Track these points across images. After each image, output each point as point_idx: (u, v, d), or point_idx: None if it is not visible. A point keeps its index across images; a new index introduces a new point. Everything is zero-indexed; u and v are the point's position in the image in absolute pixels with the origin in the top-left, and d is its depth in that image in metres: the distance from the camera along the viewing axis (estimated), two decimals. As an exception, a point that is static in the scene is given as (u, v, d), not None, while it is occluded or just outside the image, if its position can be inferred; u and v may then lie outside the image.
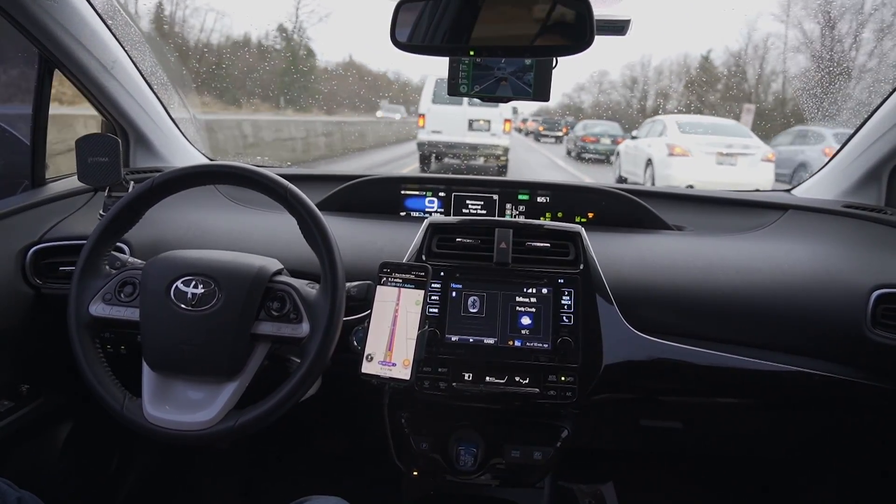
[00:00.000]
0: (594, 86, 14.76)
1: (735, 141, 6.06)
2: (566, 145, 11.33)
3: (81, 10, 1.18)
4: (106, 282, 0.86)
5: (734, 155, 5.93)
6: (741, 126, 6.61)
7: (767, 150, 6.01)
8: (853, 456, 1.37)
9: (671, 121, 6.55)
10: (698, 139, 6.12)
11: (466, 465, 1.01)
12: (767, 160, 5.94)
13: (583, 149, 10.16)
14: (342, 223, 1.24)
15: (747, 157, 5.92)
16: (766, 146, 6.08)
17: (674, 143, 6.12)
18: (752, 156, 5.93)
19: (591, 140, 10.12)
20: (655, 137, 6.65)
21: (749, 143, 6.06)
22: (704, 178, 5.68)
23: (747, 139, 6.13)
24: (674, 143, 6.13)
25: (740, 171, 5.81)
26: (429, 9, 0.83)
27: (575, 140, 10.69)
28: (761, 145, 6.10)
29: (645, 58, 10.92)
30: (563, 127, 13.01)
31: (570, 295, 0.99)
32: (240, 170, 0.86)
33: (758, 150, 6.01)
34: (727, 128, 6.58)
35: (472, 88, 0.94)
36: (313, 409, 0.95)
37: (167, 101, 1.51)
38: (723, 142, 6.04)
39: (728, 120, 7.12)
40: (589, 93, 15.23)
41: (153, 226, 1.09)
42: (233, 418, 0.79)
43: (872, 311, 1.01)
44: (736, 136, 6.20)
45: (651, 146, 6.61)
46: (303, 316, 0.83)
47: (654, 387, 1.08)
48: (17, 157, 1.29)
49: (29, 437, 1.19)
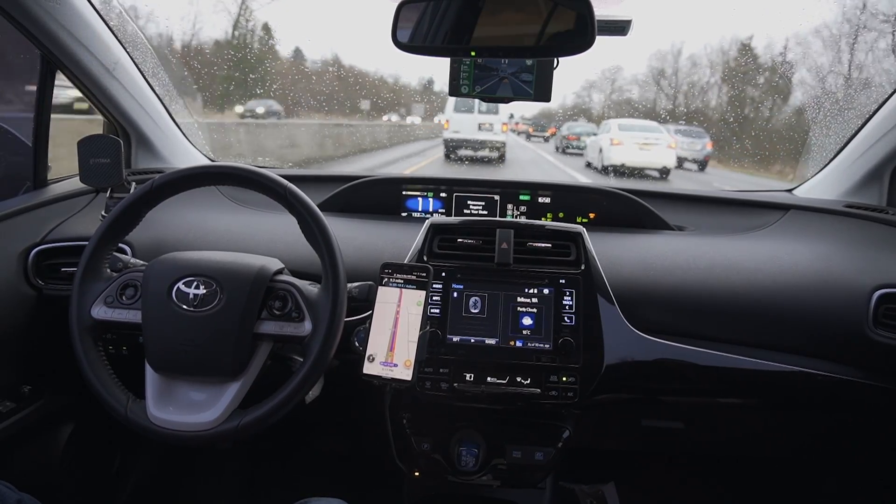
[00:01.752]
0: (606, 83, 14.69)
1: (650, 135, 9.25)
2: (554, 143, 14.39)
3: (83, 11, 1.18)
4: (107, 284, 0.86)
5: (650, 144, 9.09)
6: (657, 125, 9.85)
7: (669, 139, 9.17)
8: (854, 456, 1.36)
9: (614, 123, 9.61)
10: (629, 134, 9.15)
11: (468, 465, 1.01)
12: (670, 147, 9.12)
13: (567, 145, 13.26)
14: (343, 224, 1.24)
15: (657, 146, 9.13)
16: (668, 136, 9.21)
17: (614, 137, 9.26)
18: (660, 145, 9.13)
19: (574, 138, 13.17)
20: (605, 134, 9.70)
21: (659, 137, 9.24)
22: (631, 159, 8.82)
23: (658, 134, 9.33)
24: (614, 136, 9.28)
25: (653, 154, 9.01)
26: (430, 9, 0.83)
27: (561, 138, 13.79)
28: (668, 137, 9.18)
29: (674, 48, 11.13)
30: (550, 129, 15.87)
31: (572, 295, 0.99)
32: (240, 170, 0.86)
33: (664, 141, 9.17)
34: (647, 126, 9.74)
35: (473, 89, 0.95)
36: (315, 409, 0.95)
37: (169, 103, 1.51)
38: (643, 135, 9.18)
39: (649, 121, 10.39)
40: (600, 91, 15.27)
41: (155, 227, 1.09)
42: (236, 418, 0.80)
43: (874, 310, 1.01)
44: (652, 132, 9.38)
45: (601, 140, 9.69)
46: (305, 314, 0.83)
47: (656, 387, 1.07)
48: (18, 159, 1.29)
49: (31, 439, 1.19)
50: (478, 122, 9.37)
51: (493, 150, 9.43)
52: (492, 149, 9.40)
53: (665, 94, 12.03)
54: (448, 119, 9.32)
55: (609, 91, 14.18)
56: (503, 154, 9.61)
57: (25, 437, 1.15)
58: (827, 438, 1.29)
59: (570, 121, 13.90)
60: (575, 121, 13.93)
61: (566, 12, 0.79)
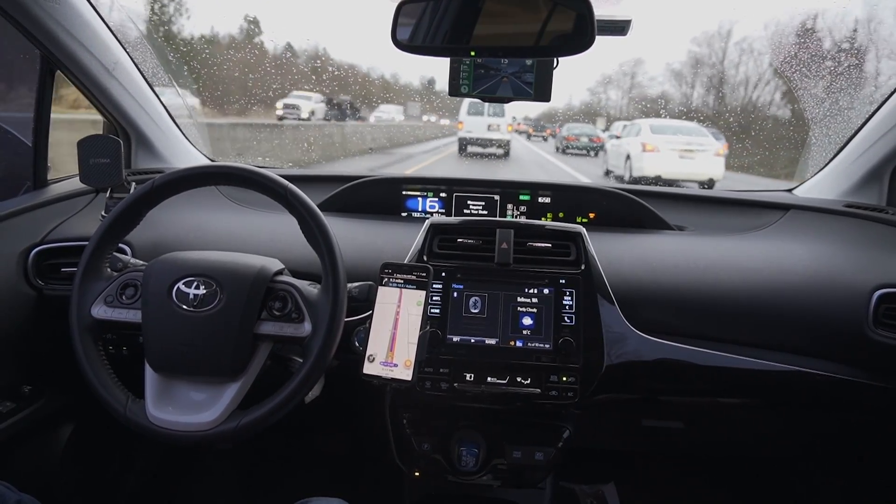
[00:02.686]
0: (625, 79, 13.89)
1: (693, 140, 7.31)
2: (555, 143, 14.29)
3: (83, 11, 1.18)
4: (107, 284, 0.86)
5: (693, 151, 7.26)
6: (699, 127, 7.90)
7: (718, 146, 7.20)
8: (855, 456, 1.36)
9: (646, 123, 7.94)
10: (666, 138, 7.43)
11: (468, 465, 1.01)
12: (718, 155, 7.21)
13: (567, 146, 13.18)
14: (343, 224, 1.24)
15: (703, 152, 7.24)
16: (717, 143, 7.23)
17: (646, 142, 7.53)
18: (706, 151, 7.22)
19: (573, 139, 13.10)
20: (633, 137, 7.95)
21: (703, 142, 7.27)
22: (669, 169, 7.05)
23: (703, 138, 7.33)
24: (646, 141, 7.54)
25: (697, 163, 7.20)
26: (429, 9, 0.83)
27: (561, 139, 13.71)
28: (713, 142, 7.22)
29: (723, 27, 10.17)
30: (547, 129, 16.46)
31: (572, 295, 0.99)
32: (240, 170, 0.86)
33: (710, 146, 7.22)
34: (689, 129, 7.87)
35: (473, 89, 0.95)
36: (315, 409, 0.95)
37: (168, 103, 1.51)
38: (684, 140, 7.34)
39: (690, 122, 8.48)
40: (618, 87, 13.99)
41: (154, 227, 1.09)
42: (236, 419, 0.80)
43: (874, 310, 1.01)
44: (695, 135, 7.44)
45: (630, 144, 8.00)
46: (305, 315, 0.83)
47: (656, 387, 1.07)
48: (19, 159, 1.29)
49: (31, 439, 1.19)
50: (487, 123, 11.08)
51: (500, 147, 11.29)
52: (499, 146, 11.28)
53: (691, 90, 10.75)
54: (462, 121, 11.16)
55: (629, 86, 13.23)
56: (508, 150, 11.44)
57: (25, 437, 1.15)
58: (827, 438, 1.29)
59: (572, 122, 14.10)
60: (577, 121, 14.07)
61: (566, 12, 0.79)
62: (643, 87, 12.57)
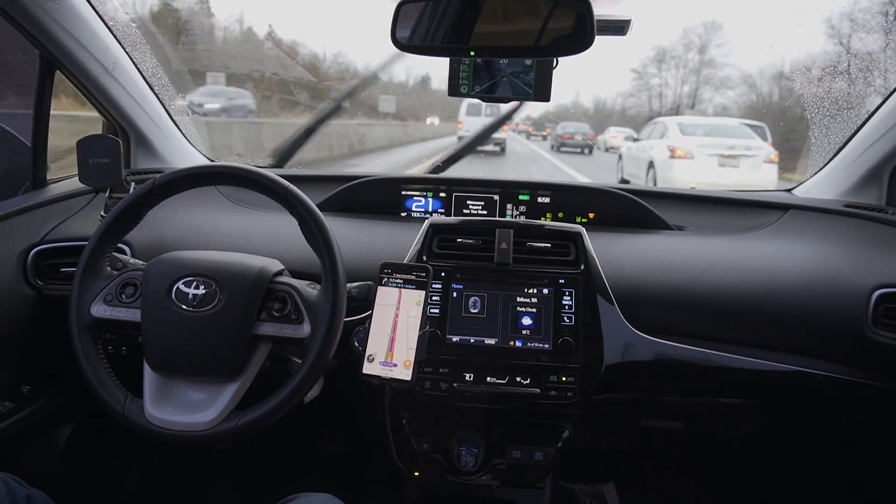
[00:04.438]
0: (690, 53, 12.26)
1: (737, 142, 5.97)
2: (549, 142, 14.62)
3: (82, 11, 1.18)
4: (107, 283, 0.86)
5: (736, 157, 5.84)
6: (743, 127, 6.47)
7: (770, 151, 5.87)
8: (854, 456, 1.37)
9: (672, 122, 6.51)
10: (700, 140, 6.04)
11: (467, 465, 1.01)
12: (770, 161, 5.84)
13: (562, 144, 13.30)
14: (343, 224, 1.24)
15: (750, 158, 5.81)
16: (770, 147, 5.90)
17: (675, 146, 6.06)
18: (755, 157, 5.81)
19: (567, 137, 13.15)
20: (657, 139, 6.61)
21: (751, 145, 5.90)
22: (706, 179, 5.67)
23: (749, 140, 5.98)
24: (675, 145, 6.07)
25: (743, 172, 5.74)
26: (429, 9, 0.83)
27: (556, 137, 13.79)
28: (764, 146, 5.90)
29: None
30: (546, 129, 16.89)
31: (571, 295, 0.99)
32: (240, 170, 0.86)
33: (760, 151, 5.86)
34: (729, 129, 6.47)
35: (473, 89, 0.94)
36: (314, 409, 0.95)
37: (169, 103, 1.51)
38: (724, 143, 5.95)
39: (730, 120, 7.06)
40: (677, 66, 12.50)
41: (154, 227, 1.09)
42: (234, 419, 0.80)
43: (873, 310, 1.01)
44: (738, 137, 6.11)
45: (652, 148, 6.57)
46: (304, 316, 0.83)
47: (655, 387, 1.08)
48: (18, 159, 1.29)
49: (30, 439, 1.19)
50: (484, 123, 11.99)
51: (496, 144, 12.45)
52: (495, 143, 12.46)
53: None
54: (461, 121, 12.26)
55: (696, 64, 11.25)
56: (504, 147, 12.68)
57: (25, 437, 1.15)
58: (827, 438, 1.29)
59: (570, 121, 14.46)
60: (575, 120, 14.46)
61: (566, 12, 0.79)
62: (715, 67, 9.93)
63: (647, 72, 11.53)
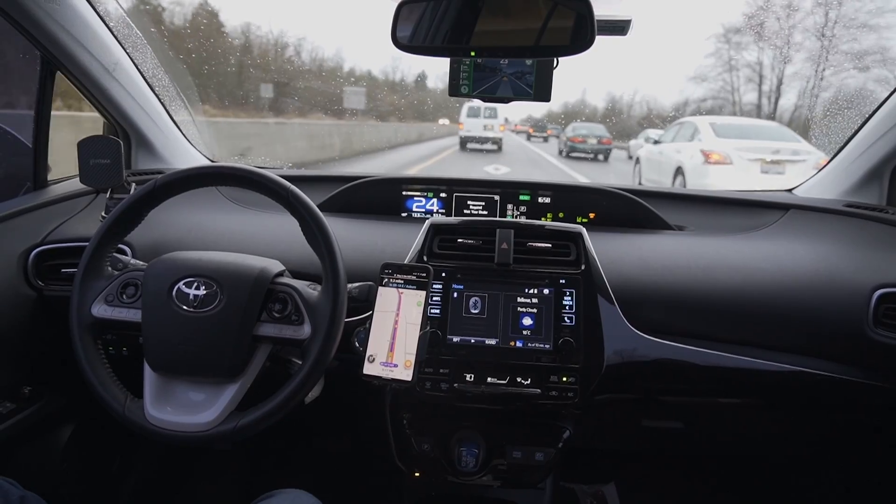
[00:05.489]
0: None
1: (782, 146, 5.22)
2: (558, 146, 13.41)
3: (83, 11, 1.18)
4: (108, 283, 0.86)
5: (782, 162, 5.07)
6: (785, 129, 5.69)
7: (820, 155, 4.83)
8: (855, 456, 1.36)
9: (704, 123, 5.67)
10: (738, 144, 5.26)
11: (468, 465, 1.01)
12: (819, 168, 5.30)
13: (572, 148, 11.52)
14: (343, 224, 1.24)
15: (797, 164, 5.01)
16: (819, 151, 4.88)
17: (710, 150, 5.31)
18: (804, 162, 4.99)
19: (579, 140, 11.36)
20: (685, 142, 5.80)
21: (798, 149, 5.15)
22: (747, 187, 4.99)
23: (795, 143, 5.24)
24: (710, 149, 5.31)
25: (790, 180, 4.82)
26: (430, 9, 0.83)
27: (565, 141, 12.04)
28: (812, 150, 5.04)
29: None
30: (548, 129, 17.01)
31: (572, 295, 0.99)
32: (241, 171, 0.86)
33: (809, 155, 5.02)
34: (770, 130, 5.73)
35: (473, 89, 0.94)
36: (315, 410, 0.95)
37: (169, 104, 1.51)
38: (767, 147, 5.20)
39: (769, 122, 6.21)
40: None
41: (155, 227, 1.09)
42: (234, 420, 0.80)
43: (874, 310, 1.01)
44: (782, 140, 5.36)
45: (681, 152, 5.76)
46: (304, 317, 0.83)
47: (656, 387, 1.07)
48: (19, 160, 1.29)
49: (31, 439, 1.19)
50: (483, 124, 13.66)
51: (494, 143, 14.02)
52: (493, 143, 14.02)
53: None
54: (462, 122, 13.85)
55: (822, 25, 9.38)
56: (500, 145, 14.06)
57: (26, 437, 1.15)
58: (827, 438, 1.29)
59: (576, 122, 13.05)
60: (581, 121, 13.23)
61: (566, 12, 0.79)
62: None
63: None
